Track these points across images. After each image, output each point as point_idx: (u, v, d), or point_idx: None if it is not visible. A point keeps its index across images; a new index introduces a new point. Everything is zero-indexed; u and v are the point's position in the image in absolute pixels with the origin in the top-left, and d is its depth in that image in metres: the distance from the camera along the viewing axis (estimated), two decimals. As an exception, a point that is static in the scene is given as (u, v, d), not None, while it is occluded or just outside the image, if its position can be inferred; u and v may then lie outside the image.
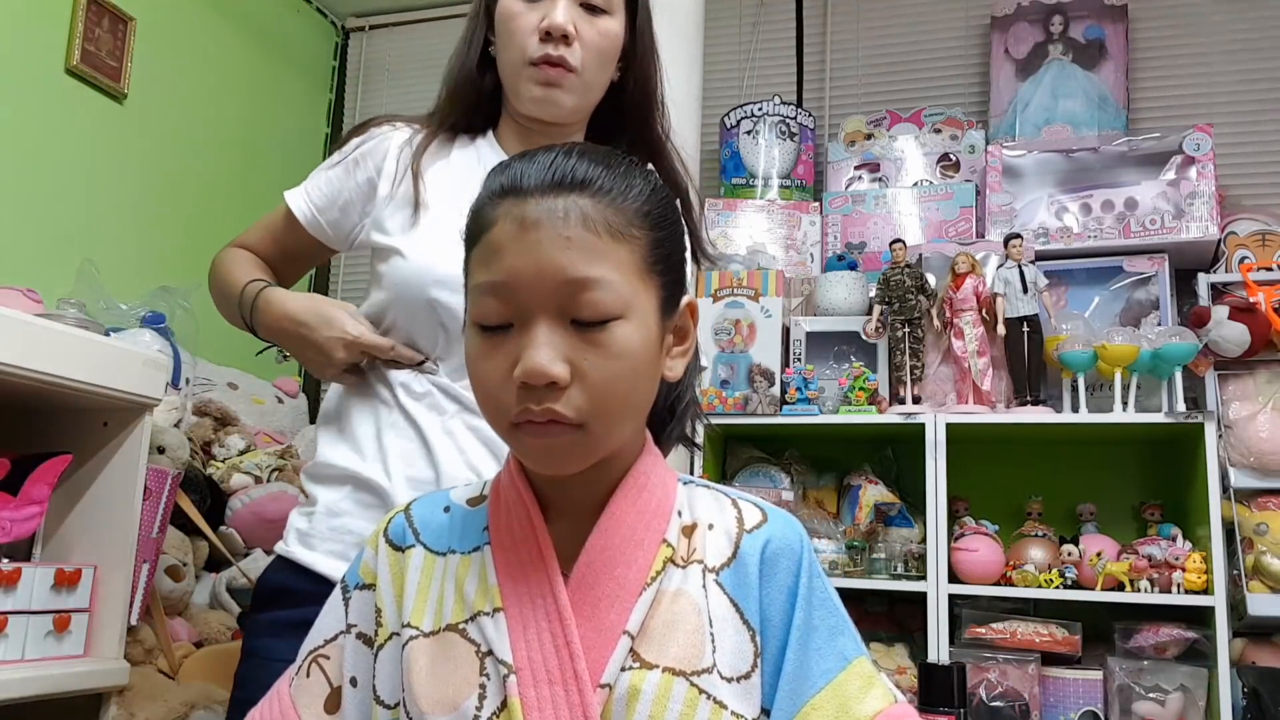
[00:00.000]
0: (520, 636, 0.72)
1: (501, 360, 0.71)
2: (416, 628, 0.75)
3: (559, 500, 0.77)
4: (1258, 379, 2.20)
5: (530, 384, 0.69)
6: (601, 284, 0.70)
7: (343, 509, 1.12)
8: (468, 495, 0.83)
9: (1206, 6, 2.69)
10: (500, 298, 0.71)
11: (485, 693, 0.71)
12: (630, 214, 0.73)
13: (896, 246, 2.36)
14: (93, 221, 2.34)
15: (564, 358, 0.69)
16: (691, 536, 0.77)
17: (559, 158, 0.73)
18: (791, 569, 0.75)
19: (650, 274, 0.74)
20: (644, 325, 0.73)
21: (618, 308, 0.70)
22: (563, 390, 0.69)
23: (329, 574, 1.07)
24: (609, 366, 0.70)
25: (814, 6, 3.03)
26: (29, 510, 1.45)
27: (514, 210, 0.71)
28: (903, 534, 2.28)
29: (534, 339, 0.69)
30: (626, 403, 0.73)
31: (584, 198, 0.71)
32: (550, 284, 0.69)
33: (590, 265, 0.70)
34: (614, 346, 0.70)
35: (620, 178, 0.74)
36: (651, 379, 0.75)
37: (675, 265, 0.77)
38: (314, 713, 0.79)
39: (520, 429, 0.71)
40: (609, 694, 0.69)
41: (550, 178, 0.71)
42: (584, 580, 0.73)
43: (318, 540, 1.11)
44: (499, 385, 0.71)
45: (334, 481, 1.14)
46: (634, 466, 0.78)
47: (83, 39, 2.27)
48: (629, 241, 0.72)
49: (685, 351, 0.80)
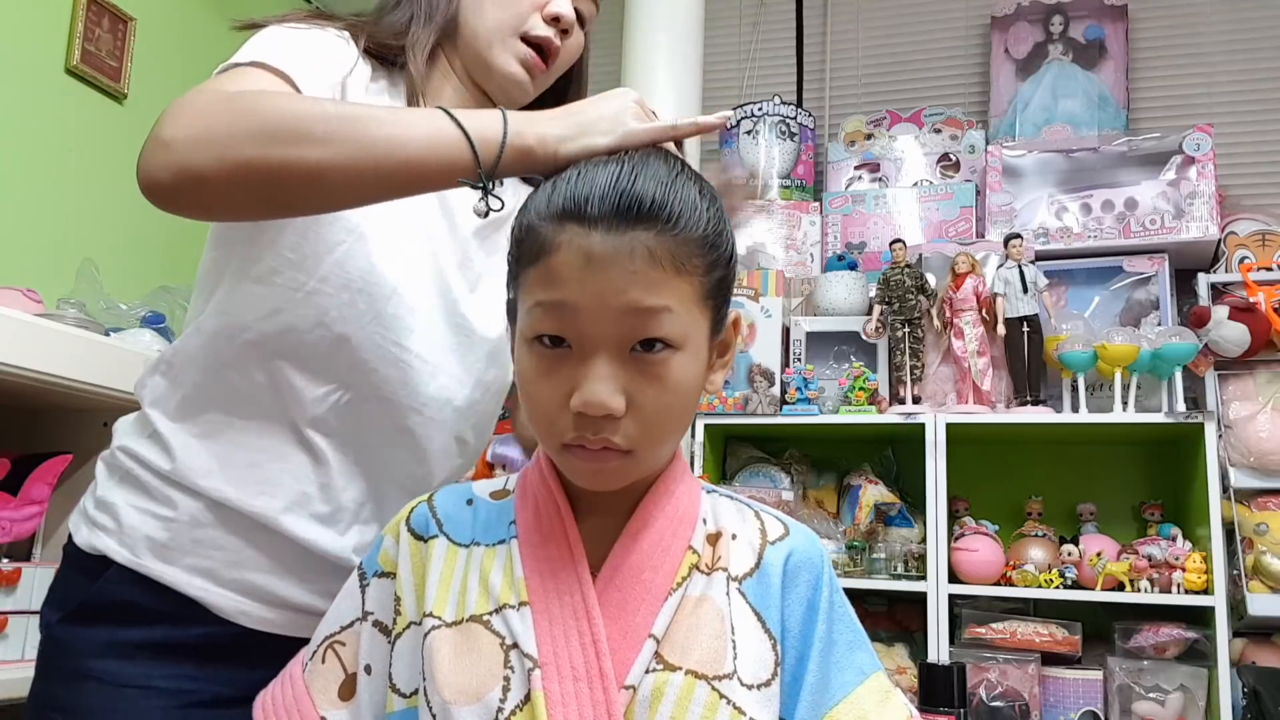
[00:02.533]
0: (546, 631, 0.72)
1: (559, 384, 0.71)
2: (439, 618, 0.75)
3: (589, 500, 0.78)
4: (1258, 379, 2.20)
5: (588, 414, 0.70)
6: (663, 316, 0.70)
7: (209, 520, 0.93)
8: (490, 489, 0.84)
9: (1206, 6, 2.69)
10: (559, 318, 0.70)
11: (509, 685, 0.71)
12: (693, 244, 0.72)
13: (896, 246, 2.36)
14: (93, 221, 2.34)
15: (622, 389, 0.70)
16: (716, 545, 0.78)
17: (623, 179, 0.71)
18: (812, 582, 0.77)
19: (708, 301, 0.74)
20: (698, 355, 0.74)
21: (677, 338, 0.71)
22: (618, 420, 0.70)
23: (192, 594, 0.91)
24: (663, 398, 0.71)
25: (814, 6, 3.03)
26: (29, 510, 1.45)
27: (579, 241, 0.69)
28: (903, 534, 2.28)
29: (594, 371, 0.69)
30: (675, 430, 0.75)
31: (649, 231, 0.69)
32: (614, 315, 0.69)
33: (654, 297, 0.69)
34: (670, 379, 0.71)
35: (684, 201, 0.72)
36: (696, 401, 0.77)
37: (727, 287, 0.77)
38: (328, 699, 0.80)
39: (571, 451, 0.72)
40: (632, 695, 0.70)
41: (616, 206, 0.69)
42: (611, 581, 0.74)
43: (177, 554, 0.92)
44: (555, 409, 0.71)
45: (195, 494, 0.93)
46: (664, 474, 0.79)
47: (83, 39, 2.26)
48: (690, 273, 0.72)
49: (726, 364, 0.80)
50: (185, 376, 0.96)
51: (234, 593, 0.93)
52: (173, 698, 0.90)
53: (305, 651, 0.84)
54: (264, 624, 0.94)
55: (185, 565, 0.92)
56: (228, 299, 0.95)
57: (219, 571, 0.93)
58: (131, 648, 0.90)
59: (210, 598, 0.92)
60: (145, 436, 0.96)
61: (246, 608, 0.94)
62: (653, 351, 0.70)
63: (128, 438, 0.97)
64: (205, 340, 0.95)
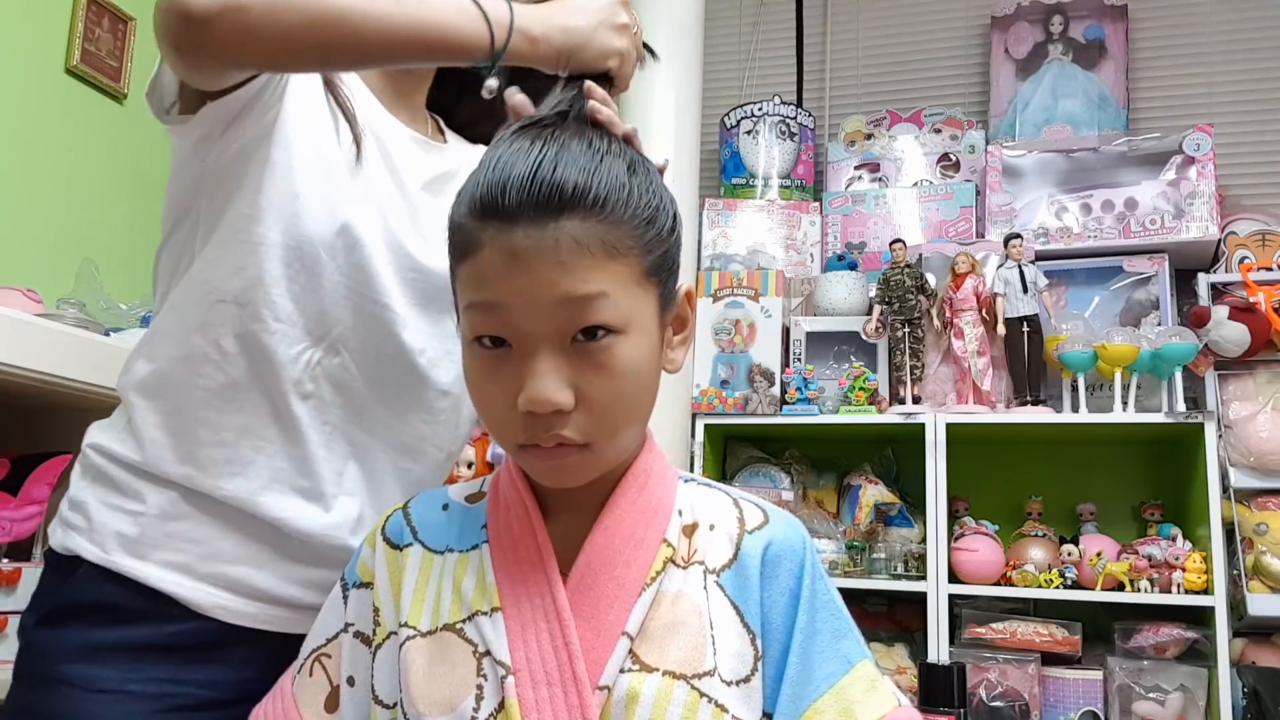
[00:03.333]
0: (518, 637, 0.71)
1: (504, 385, 0.69)
2: (414, 627, 0.74)
3: (558, 499, 0.76)
4: (1258, 379, 2.20)
5: (536, 412, 0.68)
6: (600, 303, 0.67)
7: (182, 512, 0.90)
8: (466, 492, 0.83)
9: (1206, 6, 2.69)
10: (496, 319, 0.68)
11: (483, 693, 0.70)
12: (625, 226, 0.69)
13: (896, 246, 2.36)
14: (93, 221, 2.34)
15: (567, 383, 0.68)
16: (693, 537, 0.76)
17: (543, 167, 0.67)
18: (794, 571, 0.74)
19: (648, 279, 0.71)
20: (645, 335, 0.71)
21: (618, 323, 0.68)
22: (568, 415, 0.68)
23: (166, 589, 0.88)
24: (612, 387, 0.69)
25: (814, 6, 3.03)
26: (29, 510, 1.45)
27: (500, 239, 0.67)
28: (903, 534, 2.28)
29: (535, 368, 0.67)
30: (632, 417, 0.72)
31: (573, 219, 0.67)
32: (548, 309, 0.67)
33: (586, 284, 0.67)
34: (616, 365, 0.69)
35: (609, 183, 0.68)
36: (654, 384, 0.74)
37: (670, 262, 0.74)
38: (315, 711, 0.79)
39: (527, 450, 0.71)
40: (608, 696, 0.69)
41: (536, 196, 0.66)
42: (583, 580, 0.72)
43: (149, 548, 0.89)
44: (504, 410, 0.70)
45: (166, 484, 0.91)
46: (634, 464, 0.77)
47: (83, 39, 2.26)
48: (624, 255, 0.69)
49: (685, 339, 0.78)
50: (159, 352, 0.93)
51: (211, 586, 0.90)
52: (151, 701, 0.87)
53: (295, 664, 0.83)
54: (244, 618, 0.91)
55: (158, 560, 0.89)
56: (193, 269, 0.94)
57: (194, 565, 0.90)
58: (106, 650, 0.88)
59: (185, 593, 0.89)
60: (118, 430, 0.94)
61: (224, 601, 0.90)
62: (595, 340, 0.68)
63: (99, 434, 0.95)
64: (176, 313, 0.94)
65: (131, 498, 0.91)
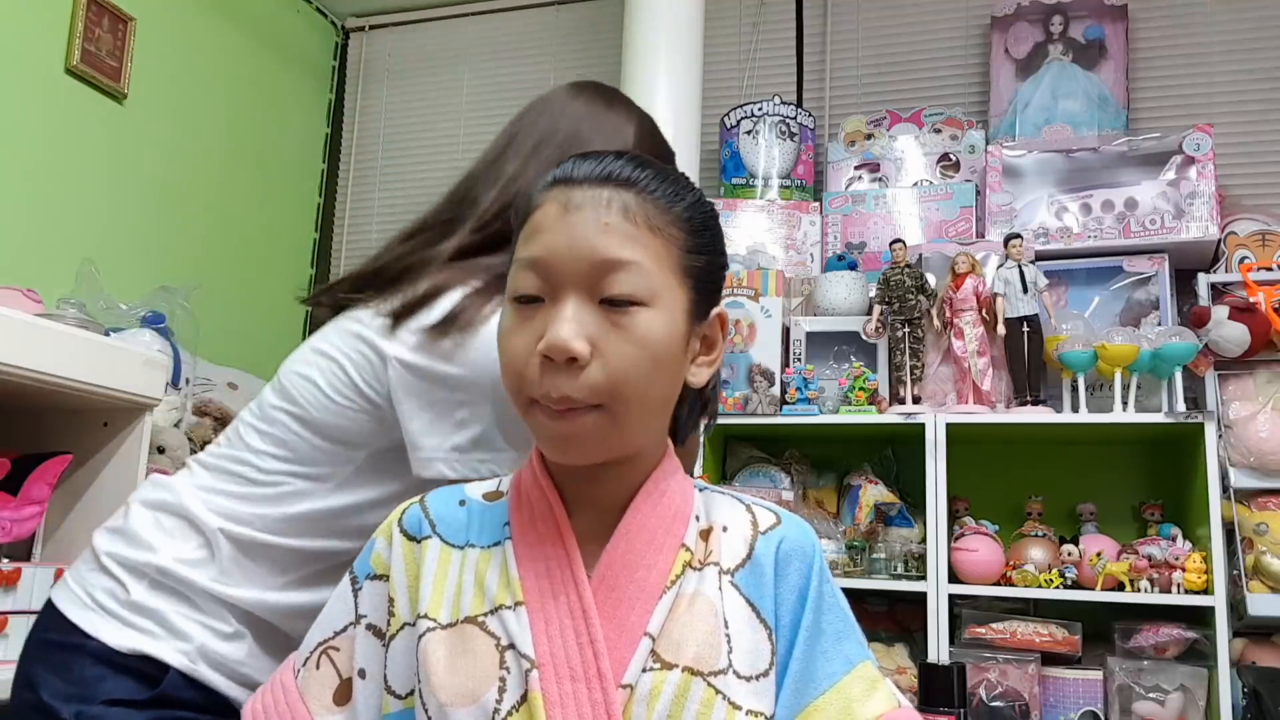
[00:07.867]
0: (543, 631, 0.72)
1: (529, 335, 0.72)
2: (433, 619, 0.75)
3: (581, 499, 0.78)
4: (1258, 379, 2.20)
5: (551, 358, 0.70)
6: (632, 267, 0.72)
7: (252, 634, 1.05)
8: (483, 490, 0.84)
9: (1206, 6, 2.69)
10: (535, 272, 0.73)
11: (505, 686, 0.71)
12: (672, 216, 0.75)
13: (896, 246, 2.36)
14: (93, 221, 2.34)
15: (587, 335, 0.70)
16: (708, 540, 0.78)
17: (612, 158, 0.76)
18: (803, 570, 0.77)
19: (684, 275, 0.75)
20: (670, 319, 0.74)
21: (645, 294, 0.72)
22: (581, 369, 0.70)
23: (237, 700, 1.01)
24: (629, 351, 0.71)
25: (814, 6, 3.03)
26: (29, 510, 1.45)
27: (560, 195, 0.74)
28: (903, 534, 2.28)
29: (560, 314, 0.71)
30: (645, 391, 0.73)
31: (629, 193, 0.74)
32: (584, 263, 0.71)
33: (623, 249, 0.72)
34: (636, 331, 0.71)
35: (669, 184, 0.76)
36: (673, 376, 0.76)
37: (710, 276, 0.79)
38: (322, 704, 0.79)
39: (536, 409, 0.72)
40: (630, 694, 0.70)
41: (600, 172, 0.74)
42: (605, 580, 0.74)
43: (250, 670, 1.04)
44: (523, 359, 0.72)
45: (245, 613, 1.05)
46: (654, 472, 0.79)
47: (83, 39, 2.27)
48: (665, 238, 0.74)
49: (712, 362, 0.80)
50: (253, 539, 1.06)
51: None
52: None
53: (297, 658, 0.83)
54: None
55: (228, 674, 1.03)
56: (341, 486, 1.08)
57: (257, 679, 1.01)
58: None
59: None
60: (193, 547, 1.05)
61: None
62: (621, 308, 0.72)
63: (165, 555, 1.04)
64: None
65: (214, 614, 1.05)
